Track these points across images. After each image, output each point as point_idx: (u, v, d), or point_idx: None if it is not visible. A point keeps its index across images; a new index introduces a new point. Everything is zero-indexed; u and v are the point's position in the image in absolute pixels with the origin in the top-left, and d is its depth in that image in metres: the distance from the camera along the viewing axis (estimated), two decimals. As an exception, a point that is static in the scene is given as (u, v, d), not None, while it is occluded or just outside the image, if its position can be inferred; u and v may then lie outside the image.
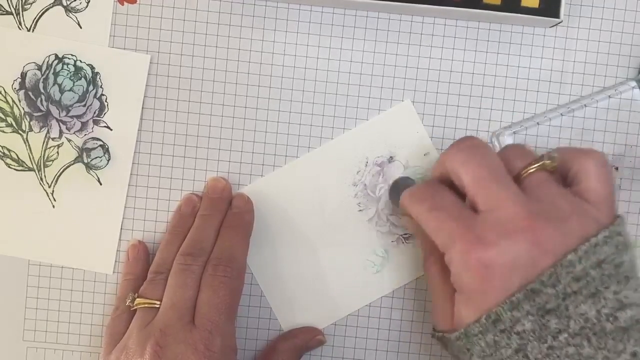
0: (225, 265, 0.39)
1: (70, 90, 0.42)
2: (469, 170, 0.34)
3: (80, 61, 0.42)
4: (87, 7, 0.42)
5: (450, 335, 0.35)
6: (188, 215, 0.42)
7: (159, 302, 0.39)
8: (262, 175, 0.43)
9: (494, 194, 0.33)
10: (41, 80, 0.42)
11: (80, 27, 0.42)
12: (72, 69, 0.42)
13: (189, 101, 0.43)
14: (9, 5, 0.41)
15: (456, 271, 0.33)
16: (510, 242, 0.32)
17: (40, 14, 0.42)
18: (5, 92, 0.42)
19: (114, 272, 0.43)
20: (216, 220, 0.41)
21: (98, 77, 0.42)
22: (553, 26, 0.42)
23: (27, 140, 0.42)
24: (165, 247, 0.41)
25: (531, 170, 0.35)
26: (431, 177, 0.39)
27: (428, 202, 0.36)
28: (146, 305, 0.39)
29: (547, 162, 0.35)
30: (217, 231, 0.41)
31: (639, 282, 0.33)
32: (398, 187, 0.42)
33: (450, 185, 0.37)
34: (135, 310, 0.39)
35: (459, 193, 0.36)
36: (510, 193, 0.33)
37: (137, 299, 0.39)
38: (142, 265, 0.42)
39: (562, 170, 0.36)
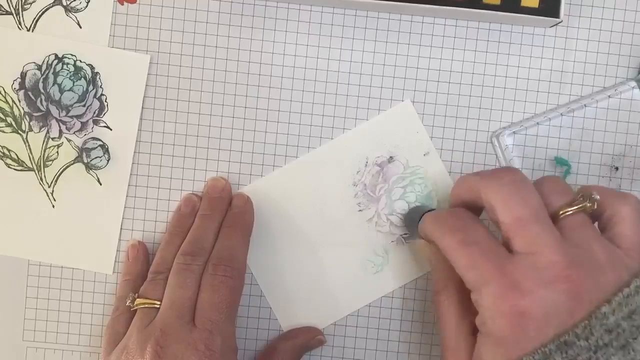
0: (226, 265, 0.39)
1: (70, 90, 0.42)
2: (511, 208, 0.33)
3: (80, 61, 0.42)
4: (87, 7, 0.42)
5: None
6: (188, 215, 0.42)
7: (159, 302, 0.39)
8: (262, 175, 0.43)
9: (533, 237, 0.32)
10: (41, 80, 0.42)
11: (80, 27, 0.42)
12: (72, 69, 0.42)
13: (189, 101, 0.43)
14: (9, 5, 0.41)
15: (487, 314, 0.32)
16: (548, 291, 0.31)
17: (40, 13, 0.42)
18: (5, 92, 0.42)
19: (113, 272, 0.43)
20: (216, 220, 0.41)
21: (98, 77, 0.42)
22: (553, 26, 0.42)
23: (27, 140, 0.42)
24: (165, 247, 0.41)
25: (570, 212, 0.34)
26: (452, 198, 0.38)
27: (460, 235, 0.34)
28: (146, 306, 0.39)
29: (588, 204, 0.34)
30: (217, 231, 0.41)
31: None
32: (417, 212, 0.41)
33: (470, 208, 0.36)
34: (136, 310, 0.39)
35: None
36: (551, 238, 0.32)
37: (137, 300, 0.40)
38: (142, 266, 0.42)
39: (596, 210, 0.35)
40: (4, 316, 0.43)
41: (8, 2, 0.41)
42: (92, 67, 0.42)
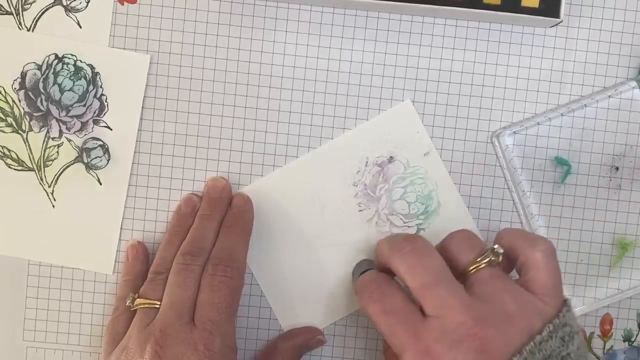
0: (226, 264, 0.39)
1: (70, 90, 0.42)
2: (415, 276, 0.35)
3: (80, 61, 0.42)
4: (87, 7, 0.42)
5: None
6: (188, 215, 0.42)
7: (159, 302, 0.39)
8: (262, 175, 0.43)
9: (439, 301, 0.34)
10: (41, 80, 0.42)
11: (80, 27, 0.42)
12: (72, 68, 0.42)
13: (189, 101, 0.43)
14: (9, 5, 0.41)
15: None
16: (457, 353, 0.32)
17: (40, 13, 0.42)
18: (5, 92, 0.42)
19: (113, 272, 0.43)
20: (216, 220, 0.41)
21: (98, 77, 0.42)
22: (553, 26, 0.42)
23: (27, 140, 0.42)
24: (165, 247, 0.41)
25: (476, 268, 0.35)
26: (376, 258, 0.40)
27: (379, 304, 0.36)
28: (146, 306, 0.39)
29: (493, 258, 0.35)
30: (217, 231, 0.41)
31: None
32: (358, 269, 0.42)
33: None
34: (135, 310, 0.39)
35: None
36: (456, 300, 0.33)
37: (137, 300, 0.39)
38: (142, 266, 0.42)
39: (511, 256, 0.36)
40: (4, 316, 0.43)
41: (8, 2, 0.41)
42: (92, 67, 0.42)
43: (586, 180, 0.43)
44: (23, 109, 0.42)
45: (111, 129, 0.43)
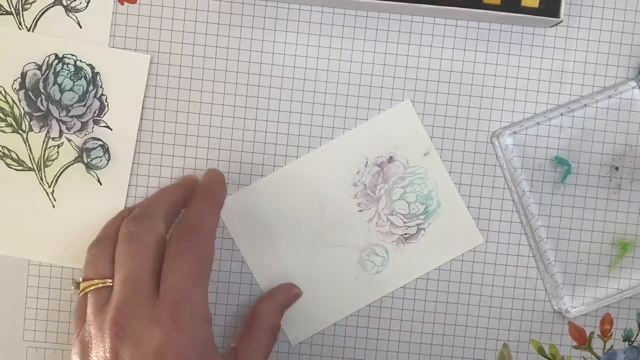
0: (190, 231, 0.36)
1: (70, 90, 0.42)
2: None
3: (80, 61, 0.42)
4: (87, 7, 0.42)
5: None
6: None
7: (109, 280, 0.36)
8: (262, 175, 0.43)
9: None
10: (41, 80, 0.42)
11: (80, 27, 0.42)
12: (72, 68, 0.42)
13: (189, 101, 0.43)
14: (9, 5, 0.41)
15: None
16: None
17: (40, 13, 0.42)
18: (5, 92, 0.42)
19: (114, 272, 0.43)
20: (176, 190, 0.39)
21: (98, 77, 0.42)
22: (553, 26, 0.42)
23: (27, 140, 0.42)
24: (108, 223, 0.39)
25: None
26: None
27: None
28: (94, 287, 0.36)
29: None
30: (175, 201, 0.39)
31: None
32: None
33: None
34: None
35: None
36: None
37: (82, 284, 0.37)
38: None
39: None
40: (4, 316, 0.43)
41: (8, 2, 0.41)
42: (92, 67, 0.42)
43: (586, 180, 0.43)
44: (23, 109, 0.42)
45: (111, 129, 0.43)
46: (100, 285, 0.36)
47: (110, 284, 0.36)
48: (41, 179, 0.43)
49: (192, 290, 0.35)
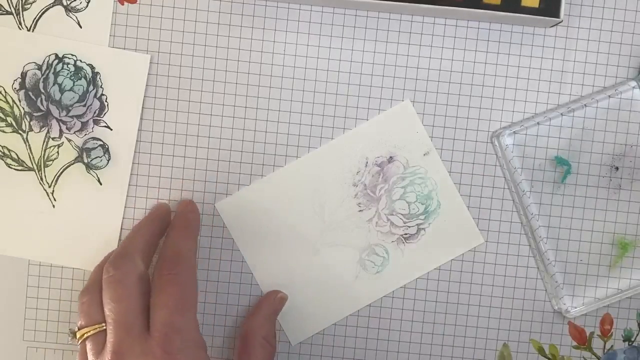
0: (170, 264, 0.38)
1: (71, 90, 0.42)
2: None
3: (80, 61, 0.42)
4: (87, 7, 0.42)
5: None
6: None
7: (103, 324, 0.37)
8: (262, 175, 0.43)
9: None
10: (41, 80, 0.42)
11: (80, 27, 0.42)
12: (72, 68, 0.42)
13: (189, 101, 0.43)
14: (9, 5, 0.41)
15: None
16: None
17: (40, 13, 0.42)
18: (5, 92, 0.42)
19: (114, 272, 0.43)
20: (150, 224, 0.41)
21: (98, 77, 0.42)
22: (553, 26, 0.42)
23: (27, 140, 0.42)
24: (95, 269, 0.40)
25: None
26: None
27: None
28: (91, 333, 0.37)
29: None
30: (149, 236, 0.40)
31: None
32: None
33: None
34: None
35: None
36: None
37: (79, 332, 0.38)
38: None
39: None
40: (4, 316, 0.43)
41: (8, 2, 0.41)
42: (92, 67, 0.42)
43: (586, 180, 0.43)
44: (23, 109, 0.42)
45: (111, 129, 0.43)
46: (96, 330, 0.37)
47: (104, 328, 0.37)
48: (41, 179, 0.43)
49: (180, 321, 0.36)
